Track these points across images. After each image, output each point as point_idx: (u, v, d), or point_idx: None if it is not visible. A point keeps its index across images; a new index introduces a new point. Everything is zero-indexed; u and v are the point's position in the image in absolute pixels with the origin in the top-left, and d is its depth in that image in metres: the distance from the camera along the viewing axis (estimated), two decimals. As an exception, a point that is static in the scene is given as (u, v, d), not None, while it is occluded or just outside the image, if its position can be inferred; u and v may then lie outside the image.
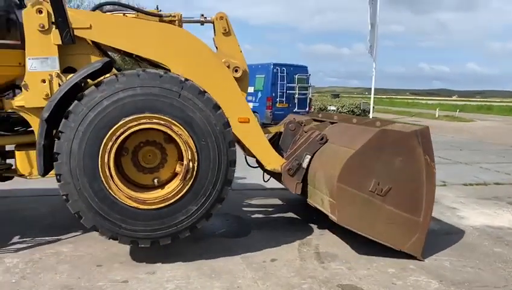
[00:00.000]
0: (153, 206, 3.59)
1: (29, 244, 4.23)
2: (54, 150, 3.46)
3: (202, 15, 4.63)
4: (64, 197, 3.52)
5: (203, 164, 3.65)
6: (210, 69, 4.08)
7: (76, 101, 3.45)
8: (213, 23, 4.56)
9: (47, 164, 3.61)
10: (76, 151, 3.42)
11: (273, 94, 16.01)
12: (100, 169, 3.45)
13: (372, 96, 21.87)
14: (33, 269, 3.67)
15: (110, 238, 3.64)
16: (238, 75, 4.42)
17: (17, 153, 3.98)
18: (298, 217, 5.43)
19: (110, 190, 3.49)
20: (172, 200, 3.62)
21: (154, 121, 3.51)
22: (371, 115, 21.08)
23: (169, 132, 3.58)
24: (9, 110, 3.94)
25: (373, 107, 22.77)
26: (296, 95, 16.39)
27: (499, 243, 4.62)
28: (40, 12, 3.66)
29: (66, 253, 4.03)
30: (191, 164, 3.60)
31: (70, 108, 3.45)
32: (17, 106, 3.83)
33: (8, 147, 4.44)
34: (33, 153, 3.85)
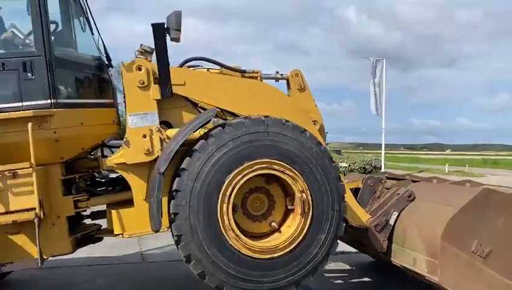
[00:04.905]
0: (287, 250, 3.47)
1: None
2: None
3: (277, 72, 4.67)
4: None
5: (315, 190, 3.55)
6: (298, 122, 3.94)
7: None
8: (287, 80, 4.61)
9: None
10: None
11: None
12: (227, 236, 3.36)
13: (383, 152, 22.33)
14: None
15: None
16: (316, 128, 4.37)
17: (113, 212, 3.79)
18: (370, 283, 5.14)
19: (240, 251, 3.38)
20: (300, 238, 3.50)
21: (256, 167, 3.42)
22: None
23: (272, 172, 3.49)
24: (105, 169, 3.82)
25: (384, 163, 23.01)
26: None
27: None
28: (140, 69, 3.67)
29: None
30: (303, 195, 3.49)
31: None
32: (116, 164, 3.70)
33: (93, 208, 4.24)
34: (127, 211, 3.71)
